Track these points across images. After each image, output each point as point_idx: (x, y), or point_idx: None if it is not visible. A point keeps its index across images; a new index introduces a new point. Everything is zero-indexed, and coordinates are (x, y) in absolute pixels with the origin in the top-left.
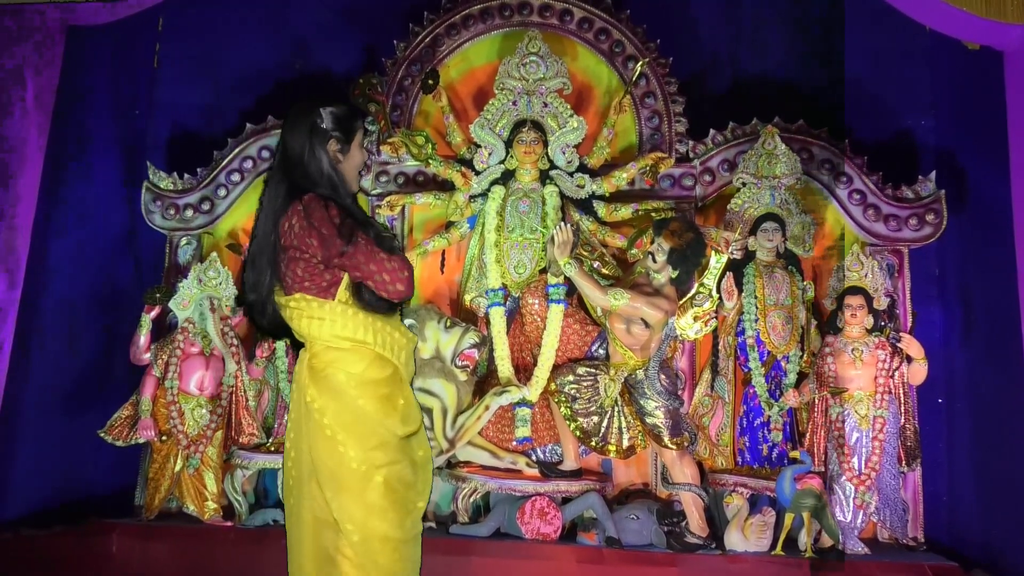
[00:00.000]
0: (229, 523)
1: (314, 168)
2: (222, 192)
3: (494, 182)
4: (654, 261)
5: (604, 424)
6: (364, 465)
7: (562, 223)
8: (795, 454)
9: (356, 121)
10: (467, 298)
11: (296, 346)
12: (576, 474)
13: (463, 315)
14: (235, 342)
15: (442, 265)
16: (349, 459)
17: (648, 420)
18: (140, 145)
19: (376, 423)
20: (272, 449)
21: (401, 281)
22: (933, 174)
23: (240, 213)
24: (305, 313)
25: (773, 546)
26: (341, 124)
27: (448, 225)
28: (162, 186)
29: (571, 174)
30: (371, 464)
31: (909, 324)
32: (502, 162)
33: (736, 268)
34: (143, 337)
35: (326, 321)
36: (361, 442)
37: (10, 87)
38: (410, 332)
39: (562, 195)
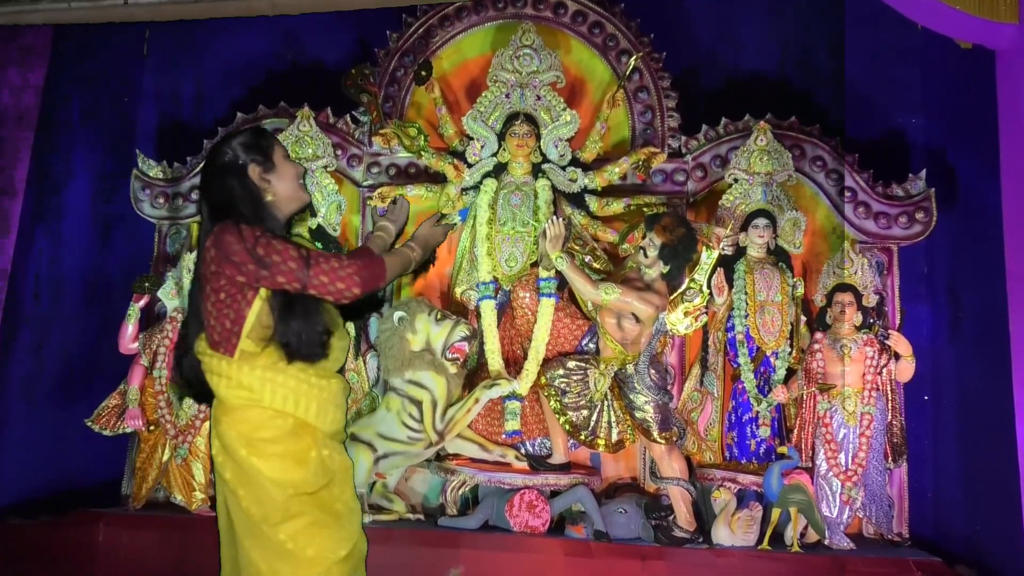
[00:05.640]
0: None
1: (235, 198)
2: None
3: (486, 175)
4: (645, 256)
5: (593, 418)
6: (263, 523)
7: (554, 217)
8: (783, 450)
9: (267, 139)
10: (458, 291)
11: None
12: (565, 468)
13: (454, 308)
14: None
15: (433, 258)
16: (251, 514)
17: (637, 414)
18: (129, 133)
19: (270, 482)
20: None
21: (342, 279)
22: (923, 172)
23: None
24: (210, 369)
25: (760, 541)
26: (253, 148)
27: (440, 217)
28: (151, 175)
29: (563, 168)
30: (269, 522)
31: (898, 321)
32: (494, 155)
33: (727, 264)
34: (131, 326)
35: (223, 378)
36: (258, 501)
37: None
38: (339, 379)
39: (554, 189)
